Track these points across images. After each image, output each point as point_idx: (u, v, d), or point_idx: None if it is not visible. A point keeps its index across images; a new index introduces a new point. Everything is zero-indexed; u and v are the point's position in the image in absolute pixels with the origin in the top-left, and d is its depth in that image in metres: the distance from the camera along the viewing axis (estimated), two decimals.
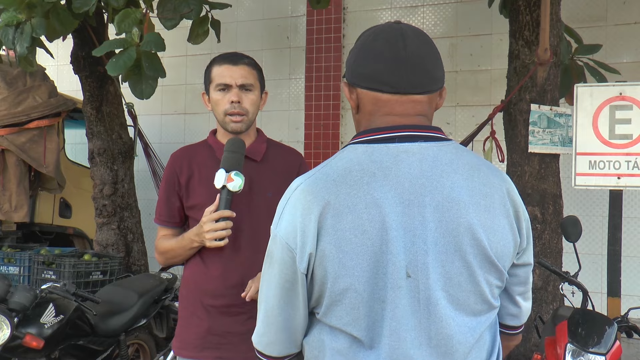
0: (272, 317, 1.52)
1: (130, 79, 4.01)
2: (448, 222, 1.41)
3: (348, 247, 1.40)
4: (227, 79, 2.43)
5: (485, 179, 1.48)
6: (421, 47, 1.49)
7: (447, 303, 1.42)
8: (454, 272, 1.42)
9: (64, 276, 4.90)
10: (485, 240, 1.43)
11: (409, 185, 1.42)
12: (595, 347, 3.05)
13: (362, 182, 1.42)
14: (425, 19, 7.25)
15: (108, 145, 5.75)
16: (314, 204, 1.42)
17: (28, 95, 6.15)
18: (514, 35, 4.65)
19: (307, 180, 1.49)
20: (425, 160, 1.45)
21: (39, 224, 7.00)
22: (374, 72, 1.49)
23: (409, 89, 1.48)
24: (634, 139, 3.89)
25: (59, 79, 8.12)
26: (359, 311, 1.42)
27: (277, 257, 1.48)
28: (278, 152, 2.60)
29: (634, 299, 5.10)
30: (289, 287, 1.47)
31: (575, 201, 6.34)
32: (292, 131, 7.86)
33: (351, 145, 1.52)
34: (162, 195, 2.54)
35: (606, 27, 6.42)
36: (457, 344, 1.43)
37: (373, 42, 1.52)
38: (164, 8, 4.34)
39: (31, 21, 4.13)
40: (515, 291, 1.66)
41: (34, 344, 3.45)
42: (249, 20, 8.09)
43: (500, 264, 1.47)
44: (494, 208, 1.46)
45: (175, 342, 2.55)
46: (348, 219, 1.40)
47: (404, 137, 1.47)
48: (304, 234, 1.42)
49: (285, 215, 1.47)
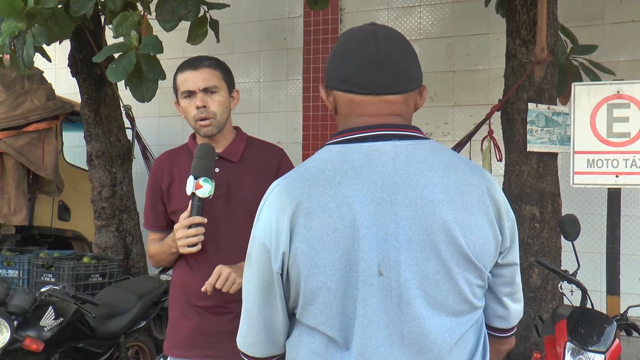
0: (253, 317, 1.54)
1: (130, 82, 4.02)
2: (422, 219, 1.40)
3: (319, 246, 1.40)
4: (190, 85, 2.44)
5: (462, 176, 1.46)
6: (393, 48, 1.49)
7: (423, 302, 1.41)
8: (429, 270, 1.41)
9: (63, 279, 4.90)
10: (461, 238, 1.41)
11: (382, 184, 1.42)
12: (594, 345, 3.06)
13: (334, 181, 1.43)
14: (422, 19, 7.25)
15: (106, 147, 5.74)
16: (287, 204, 1.44)
17: (26, 99, 6.14)
18: (511, 35, 4.66)
19: (284, 181, 1.50)
20: (398, 159, 1.45)
21: (38, 227, 6.99)
22: (347, 74, 1.51)
23: (382, 89, 1.49)
24: (631, 137, 3.90)
25: (56, 81, 8.11)
26: (332, 310, 1.43)
27: (254, 257, 1.49)
28: (257, 150, 2.60)
29: (633, 297, 5.10)
30: (267, 287, 1.48)
31: (574, 200, 6.35)
32: (289, 132, 7.86)
33: (326, 146, 1.53)
34: (147, 201, 2.57)
35: (603, 25, 6.42)
36: (431, 343, 1.42)
37: (346, 45, 1.53)
38: (162, 10, 4.34)
39: (32, 30, 4.13)
40: (502, 292, 1.61)
41: (33, 347, 3.45)
42: (246, 21, 8.08)
43: (480, 263, 1.45)
44: (472, 206, 1.44)
45: (165, 343, 2.59)
46: (319, 218, 1.41)
47: (378, 137, 1.48)
48: (278, 233, 1.43)
49: (262, 216, 1.49)
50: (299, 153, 7.73)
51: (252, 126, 8.00)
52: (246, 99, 8.03)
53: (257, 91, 8.09)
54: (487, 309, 1.63)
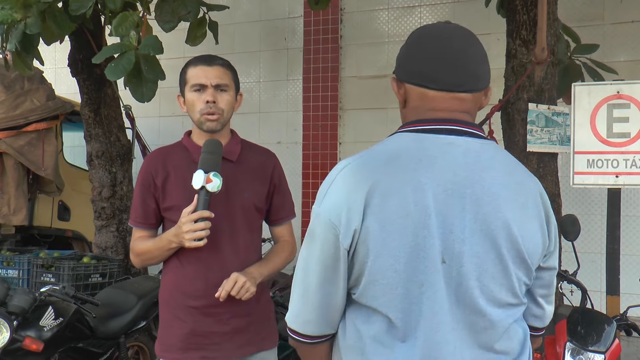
0: (311, 294, 1.55)
1: (130, 82, 4.02)
2: (486, 215, 1.47)
3: (391, 227, 1.44)
4: (203, 79, 2.45)
5: (521, 178, 1.55)
6: (468, 48, 1.56)
7: (480, 293, 1.48)
8: (488, 263, 1.47)
9: (63, 279, 4.90)
10: (519, 237, 1.48)
11: (453, 176, 1.48)
12: (594, 345, 3.06)
13: (410, 167, 1.48)
14: (422, 19, 7.25)
15: (106, 147, 5.74)
16: (362, 182, 1.47)
17: (26, 99, 6.15)
18: (511, 35, 4.66)
19: (355, 161, 1.53)
20: (469, 154, 1.51)
21: (38, 227, 7.00)
22: (422, 70, 1.55)
23: (454, 87, 1.54)
24: (631, 137, 3.90)
25: (56, 82, 8.11)
26: (396, 291, 1.47)
27: (319, 234, 1.52)
28: (252, 153, 2.62)
29: (633, 297, 5.09)
30: (330, 264, 1.51)
31: (574, 200, 6.35)
32: (290, 132, 7.86)
33: (398, 133, 1.58)
34: (137, 197, 2.54)
35: (603, 26, 6.42)
36: (482, 330, 1.49)
37: (422, 41, 1.58)
38: (162, 11, 4.33)
39: (26, 20, 4.13)
40: (538, 293, 1.69)
41: (33, 347, 3.45)
42: (247, 21, 8.09)
43: (530, 262, 1.53)
44: (528, 207, 1.52)
45: (157, 345, 2.56)
46: (394, 200, 1.45)
47: (451, 131, 1.53)
48: (350, 210, 1.46)
49: (331, 193, 1.51)
50: (299, 153, 7.73)
51: (253, 126, 8.00)
52: (246, 99, 8.03)
53: (258, 91, 8.09)
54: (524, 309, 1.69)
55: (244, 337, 2.50)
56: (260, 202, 2.57)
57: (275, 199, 2.64)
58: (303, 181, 7.69)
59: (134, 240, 2.57)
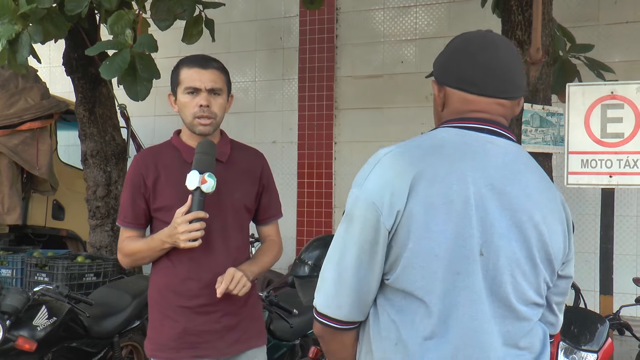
0: (346, 277, 1.56)
1: (124, 81, 4.01)
2: (521, 214, 1.52)
3: (435, 212, 1.48)
4: (197, 83, 2.45)
5: (549, 185, 1.63)
6: (510, 57, 1.63)
7: (511, 288, 1.52)
8: (522, 261, 1.52)
9: (57, 278, 4.88)
10: (548, 239, 1.55)
11: (494, 172, 1.53)
12: (587, 344, 3.07)
13: (454, 158, 1.53)
14: (418, 19, 7.26)
15: (101, 147, 5.73)
16: (408, 167, 1.51)
17: (20, 97, 6.13)
18: (506, 35, 4.66)
19: (399, 148, 1.58)
20: (508, 155, 1.58)
21: (32, 226, 6.98)
22: (467, 76, 1.62)
23: (497, 93, 1.61)
24: (625, 137, 3.91)
25: (51, 80, 8.09)
26: (435, 276, 1.49)
27: (358, 217, 1.53)
28: (242, 153, 2.63)
29: (626, 296, 5.10)
30: (368, 247, 1.52)
31: (568, 200, 6.35)
32: (285, 132, 7.86)
33: (441, 127, 1.64)
34: (126, 197, 2.53)
35: (598, 26, 6.44)
36: (509, 325, 1.54)
37: (467, 47, 1.65)
38: (157, 9, 4.33)
39: (28, 29, 4.12)
40: (554, 300, 1.71)
41: (26, 347, 3.44)
42: (242, 20, 8.08)
43: (555, 265, 1.59)
44: (555, 212, 1.59)
45: (148, 345, 2.55)
46: (440, 187, 1.49)
47: (491, 131, 1.60)
48: (394, 192, 1.49)
49: (373, 176, 1.54)
50: (294, 152, 7.73)
51: (248, 125, 8.00)
52: (242, 98, 8.02)
53: (253, 91, 8.09)
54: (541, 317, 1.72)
55: (234, 335, 2.51)
56: (250, 202, 2.58)
57: (263, 199, 2.65)
58: (298, 180, 7.69)
59: (122, 240, 2.56)
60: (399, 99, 7.24)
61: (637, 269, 6.24)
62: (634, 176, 3.88)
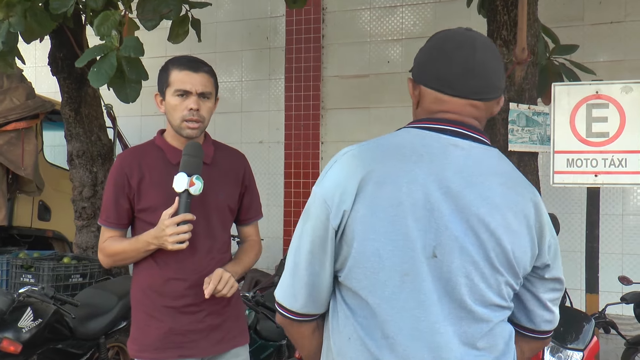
0: (300, 270, 1.59)
1: (113, 84, 3.99)
2: (479, 218, 1.50)
3: (382, 214, 1.49)
4: (188, 86, 2.44)
5: (518, 188, 1.59)
6: (488, 57, 1.59)
7: (467, 290, 1.51)
8: (480, 263, 1.51)
9: (42, 280, 4.86)
10: (508, 244, 1.52)
11: (451, 175, 1.52)
12: (573, 343, 3.09)
13: (410, 160, 1.52)
14: (404, 19, 7.28)
15: (87, 147, 5.70)
16: (359, 168, 1.52)
17: (5, 97, 6.08)
18: (492, 35, 4.68)
19: (359, 147, 1.58)
20: (470, 157, 1.55)
21: (18, 227, 6.92)
22: (441, 75, 1.59)
23: (471, 94, 1.58)
24: (610, 137, 3.94)
25: (37, 80, 8.05)
26: (378, 276, 1.50)
27: (313, 213, 1.56)
28: (224, 154, 2.64)
29: (612, 295, 5.14)
30: (319, 243, 1.54)
31: (554, 199, 6.40)
32: (272, 132, 7.85)
33: (406, 127, 1.62)
34: (109, 197, 2.51)
35: (583, 26, 6.48)
36: (466, 326, 1.53)
37: (444, 45, 1.61)
38: (144, 9, 4.31)
39: (9, 19, 4.09)
40: (547, 298, 1.71)
41: (11, 349, 3.42)
42: (229, 20, 8.07)
43: (517, 267, 1.56)
44: (520, 217, 1.56)
45: (132, 346, 2.54)
46: (388, 189, 1.49)
47: (456, 132, 1.57)
48: (343, 192, 1.50)
49: (330, 175, 1.56)
50: (281, 152, 7.73)
51: (235, 125, 7.98)
52: (228, 98, 8.01)
53: (240, 90, 8.08)
54: (536, 317, 1.73)
55: (218, 334, 2.53)
56: (233, 203, 2.60)
57: (245, 200, 2.67)
58: (285, 180, 7.69)
59: (103, 240, 2.54)
60: (385, 99, 7.25)
61: (623, 267, 6.29)
62: (619, 175, 3.91)
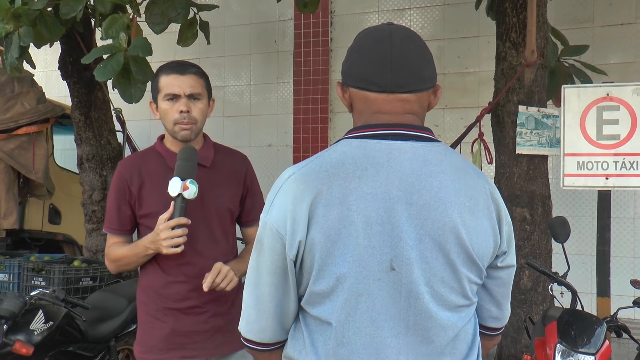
0: (264, 303, 1.55)
1: (119, 83, 4.01)
2: (434, 220, 1.46)
3: (336, 237, 1.44)
4: (176, 89, 2.46)
5: (471, 181, 1.53)
6: (408, 47, 1.53)
7: (430, 298, 1.47)
8: (438, 268, 1.47)
9: (53, 282, 4.87)
10: (467, 241, 1.48)
11: (399, 183, 1.46)
12: (584, 347, 3.07)
13: (354, 175, 1.47)
14: (413, 22, 7.27)
15: (97, 151, 5.72)
16: (306, 192, 1.46)
17: (16, 102, 6.11)
18: (501, 38, 4.68)
19: (300, 170, 1.52)
20: (415, 160, 1.49)
21: (29, 231, 6.96)
22: (362, 72, 1.55)
23: (395, 88, 1.52)
24: (621, 139, 3.92)
25: (47, 85, 8.08)
26: (338, 300, 1.47)
27: (267, 244, 1.51)
28: (225, 157, 2.65)
29: (623, 298, 5.10)
30: (280, 272, 1.51)
31: (564, 202, 6.37)
32: (280, 135, 7.86)
33: (345, 139, 1.56)
34: (112, 204, 2.55)
35: (593, 28, 6.45)
36: (434, 335, 1.49)
37: (362, 43, 1.57)
38: (151, 12, 4.32)
39: (19, 31, 4.12)
40: (499, 293, 1.68)
41: (23, 351, 3.43)
42: (237, 24, 8.09)
43: (481, 263, 1.53)
44: (478, 210, 1.51)
45: (137, 348, 2.58)
46: (338, 210, 1.45)
47: (397, 135, 1.52)
48: (294, 221, 1.46)
49: (277, 203, 1.51)
50: (289, 156, 7.73)
51: (243, 129, 8.00)
52: (237, 101, 8.02)
53: (248, 94, 8.09)
54: (483, 311, 1.70)
55: (223, 335, 2.54)
56: (234, 205, 2.61)
57: (247, 202, 2.68)
58: None
59: (108, 246, 2.58)
60: None
61: (635, 270, 6.25)
62: (630, 178, 3.89)
